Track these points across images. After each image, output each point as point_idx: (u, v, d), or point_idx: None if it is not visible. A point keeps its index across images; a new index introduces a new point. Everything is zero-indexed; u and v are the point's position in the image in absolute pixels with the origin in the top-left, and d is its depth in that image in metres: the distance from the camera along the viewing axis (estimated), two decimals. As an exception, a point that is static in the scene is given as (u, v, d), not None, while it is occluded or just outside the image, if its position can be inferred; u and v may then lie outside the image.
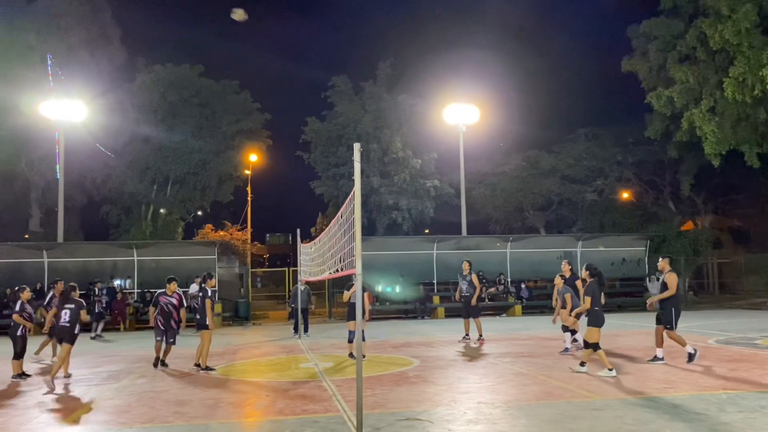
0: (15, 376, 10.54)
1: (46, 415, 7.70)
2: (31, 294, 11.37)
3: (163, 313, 11.43)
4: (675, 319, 10.34)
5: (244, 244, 33.23)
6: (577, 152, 36.11)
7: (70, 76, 29.54)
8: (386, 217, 33.30)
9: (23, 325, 10.71)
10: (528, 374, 9.69)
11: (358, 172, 7.03)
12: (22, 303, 10.88)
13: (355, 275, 6.95)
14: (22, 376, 10.53)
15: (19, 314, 10.72)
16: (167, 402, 8.22)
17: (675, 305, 10.39)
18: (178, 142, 32.85)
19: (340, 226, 9.81)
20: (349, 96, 34.42)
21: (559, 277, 12.33)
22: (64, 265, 23.60)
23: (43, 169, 31.17)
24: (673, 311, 10.32)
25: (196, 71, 34.32)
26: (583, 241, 26.77)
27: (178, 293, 11.69)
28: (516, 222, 38.32)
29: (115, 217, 34.38)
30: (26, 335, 10.77)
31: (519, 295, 25.42)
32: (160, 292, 11.63)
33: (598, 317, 9.42)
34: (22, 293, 11.08)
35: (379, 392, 8.45)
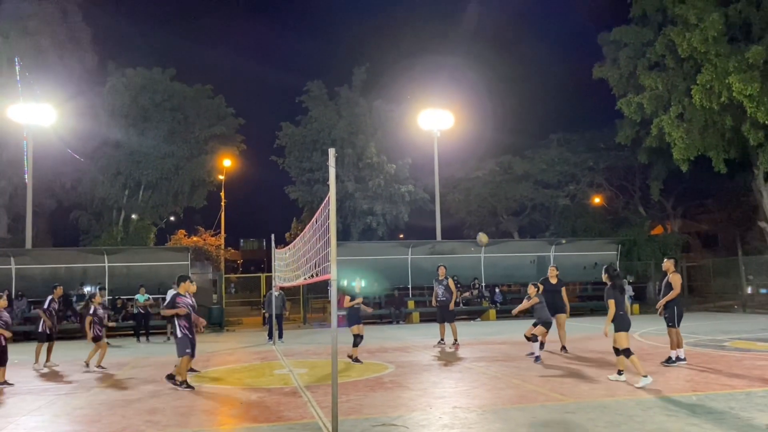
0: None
1: (13, 425, 7.52)
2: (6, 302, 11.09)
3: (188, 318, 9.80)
4: (678, 318, 10.55)
5: (217, 249, 32.95)
6: (550, 157, 36.53)
7: (38, 79, 29.00)
8: (361, 222, 33.30)
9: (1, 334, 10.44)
10: (502, 378, 9.75)
11: (333, 178, 7.02)
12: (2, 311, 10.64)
13: (330, 280, 6.92)
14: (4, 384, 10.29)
15: None
16: (139, 411, 8.09)
17: (678, 304, 10.62)
18: (150, 147, 32.42)
19: (315, 232, 9.78)
20: (324, 101, 34.40)
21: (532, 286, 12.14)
22: (32, 271, 23.15)
23: (11, 174, 30.51)
24: (675, 310, 10.54)
25: (168, 75, 33.93)
26: (556, 245, 27.07)
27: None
28: (490, 227, 38.57)
29: (86, 223, 33.80)
30: (4, 343, 10.49)
31: (493, 300, 25.60)
32: (175, 294, 10.00)
33: (624, 321, 8.97)
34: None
35: (354, 398, 8.43)
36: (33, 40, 30.47)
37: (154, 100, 33.04)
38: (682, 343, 10.78)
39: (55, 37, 31.32)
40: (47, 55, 30.67)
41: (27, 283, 22.33)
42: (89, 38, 33.40)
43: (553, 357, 11.99)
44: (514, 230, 38.86)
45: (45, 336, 13.04)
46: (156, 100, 33.06)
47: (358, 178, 33.29)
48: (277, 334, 17.45)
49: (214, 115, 35.01)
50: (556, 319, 12.51)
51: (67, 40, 32.05)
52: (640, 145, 29.89)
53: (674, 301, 10.57)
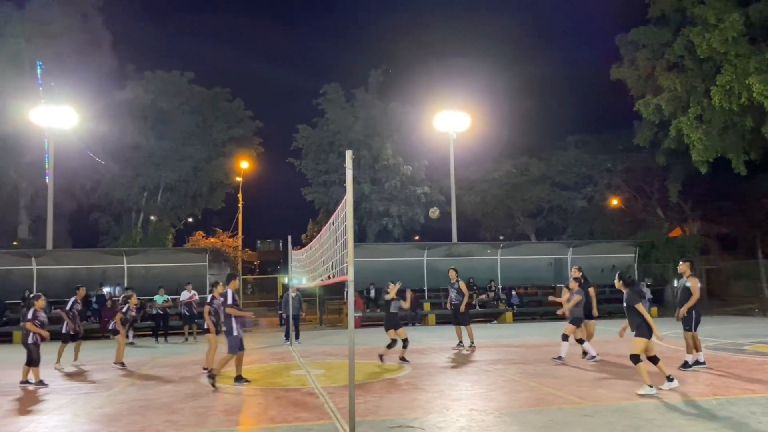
0: (23, 382, 10.51)
1: (34, 424, 7.64)
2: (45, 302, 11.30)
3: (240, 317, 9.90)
4: (695, 323, 10.40)
5: (235, 250, 33.13)
6: (567, 159, 36.33)
7: (59, 82, 29.47)
8: (377, 224, 33.34)
9: (36, 333, 10.64)
10: (519, 381, 9.72)
11: (350, 179, 7.05)
12: (35, 311, 10.85)
13: (347, 282, 6.96)
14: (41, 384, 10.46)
15: (32, 322, 10.67)
16: (158, 410, 8.18)
17: (696, 308, 10.46)
18: (168, 149, 32.77)
19: (332, 233, 9.83)
20: (340, 103, 34.51)
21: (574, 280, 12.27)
22: (53, 272, 23.48)
23: (32, 176, 30.98)
24: (693, 314, 10.38)
25: (186, 78, 34.29)
26: (574, 247, 26.90)
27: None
28: (506, 229, 38.46)
29: (105, 224, 34.20)
30: (38, 343, 10.69)
31: (510, 302, 25.49)
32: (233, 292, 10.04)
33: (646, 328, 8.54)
34: (36, 301, 11.05)
35: (371, 399, 8.45)
36: (54, 44, 30.95)
37: (173, 102, 33.40)
38: (701, 346, 10.65)
39: (75, 41, 31.76)
40: (68, 58, 31.12)
41: (48, 284, 22.62)
42: (109, 42, 33.84)
43: (570, 360, 11.92)
44: (531, 232, 38.68)
45: (68, 337, 13.26)
46: (175, 103, 33.42)
47: (375, 179, 33.35)
48: (294, 335, 17.53)
49: (232, 118, 35.30)
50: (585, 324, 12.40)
51: (87, 44, 32.48)
52: (659, 147, 29.61)
53: (692, 306, 10.45)
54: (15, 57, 30.25)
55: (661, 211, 36.66)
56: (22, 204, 33.01)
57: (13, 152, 30.31)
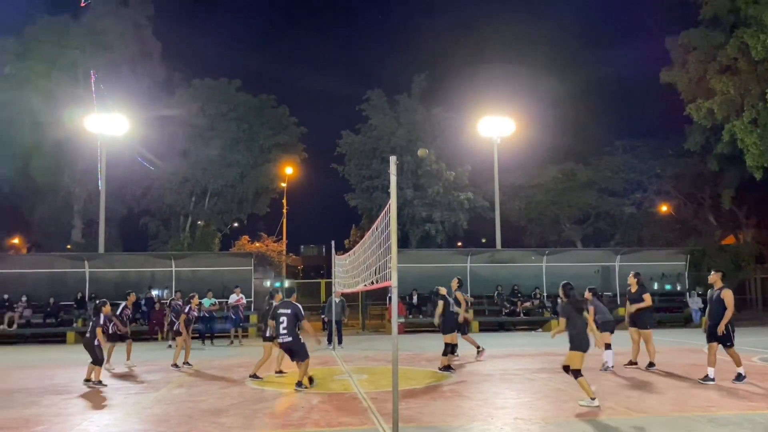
0: (86, 380, 10.88)
1: (87, 422, 7.86)
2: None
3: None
4: (732, 335, 9.93)
5: (279, 255, 33.56)
6: (615, 164, 35.64)
7: (111, 90, 30.40)
8: (419, 230, 33.29)
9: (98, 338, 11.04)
10: (565, 390, 9.53)
11: (394, 185, 7.06)
12: (105, 317, 11.35)
13: (391, 287, 6.95)
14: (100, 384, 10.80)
15: (102, 327, 11.10)
16: (205, 412, 8.31)
17: (730, 322, 9.92)
18: (215, 156, 33.46)
19: (375, 239, 9.84)
20: (384, 109, 34.63)
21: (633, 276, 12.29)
22: (104, 275, 24.13)
23: (85, 182, 32.01)
24: (729, 327, 9.82)
25: (233, 86, 34.98)
26: (622, 255, 26.31)
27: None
28: (552, 235, 37.86)
29: (154, 229, 35.07)
30: (101, 346, 11.11)
31: (555, 310, 25.04)
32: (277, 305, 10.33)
33: (582, 341, 8.36)
34: (103, 307, 11.46)
35: (414, 406, 8.41)
36: (108, 54, 31.97)
37: (220, 110, 34.11)
38: (741, 362, 10.08)
39: (127, 51, 32.77)
40: (120, 67, 32.11)
41: (99, 286, 23.30)
42: (159, 51, 34.78)
43: (618, 370, 11.64)
44: (578, 239, 37.99)
45: (116, 337, 13.61)
46: (222, 110, 34.13)
47: (417, 185, 33.33)
48: (337, 340, 17.61)
49: (278, 125, 35.83)
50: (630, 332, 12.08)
51: (138, 53, 33.47)
52: (711, 152, 28.80)
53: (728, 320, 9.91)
54: (71, 67, 31.37)
55: (713, 217, 35.58)
56: (75, 208, 34.13)
57: (68, 158, 31.39)
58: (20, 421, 7.90)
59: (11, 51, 30.60)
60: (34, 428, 7.50)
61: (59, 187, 33.07)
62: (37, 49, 31.27)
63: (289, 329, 9.85)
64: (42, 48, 31.28)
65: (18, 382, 11.43)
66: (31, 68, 30.72)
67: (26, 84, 30.06)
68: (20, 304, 22.24)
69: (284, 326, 9.84)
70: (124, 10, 33.87)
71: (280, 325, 9.88)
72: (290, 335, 9.86)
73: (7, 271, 23.57)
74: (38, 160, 30.85)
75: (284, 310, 9.97)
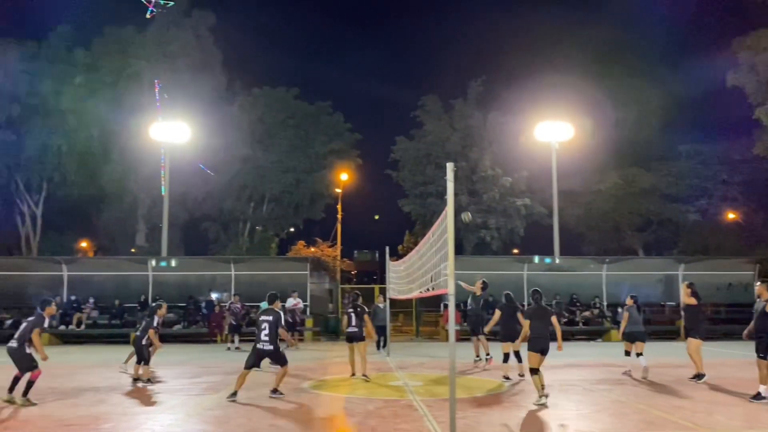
0: (135, 379, 11.34)
1: (151, 421, 8.11)
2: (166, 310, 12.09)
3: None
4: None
5: (334, 260, 33.85)
6: (678, 170, 34.46)
7: (175, 99, 31.38)
8: (474, 236, 33.00)
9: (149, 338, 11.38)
10: (627, 403, 9.26)
11: (451, 191, 7.02)
12: (159, 319, 11.68)
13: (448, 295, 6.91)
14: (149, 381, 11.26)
15: (154, 329, 11.42)
16: (263, 415, 8.45)
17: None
18: (273, 162, 34.12)
19: (431, 245, 9.80)
20: (438, 115, 34.54)
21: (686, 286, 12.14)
22: (166, 278, 24.86)
23: (150, 187, 33.11)
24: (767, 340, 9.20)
25: (291, 94, 35.63)
26: (686, 263, 25.39)
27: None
28: (612, 243, 36.87)
29: (214, 233, 35.96)
30: (149, 346, 11.48)
31: (615, 320, 24.35)
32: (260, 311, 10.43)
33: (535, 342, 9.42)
34: (158, 309, 11.78)
35: (470, 415, 8.33)
36: (171, 64, 33.06)
37: (278, 117, 34.83)
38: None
39: (190, 60, 33.79)
40: (183, 76, 33.12)
41: (162, 289, 23.98)
42: (220, 60, 35.71)
43: (682, 384, 11.24)
44: (639, 247, 36.88)
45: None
46: (280, 118, 34.83)
47: (472, 191, 33.08)
48: (382, 344, 17.90)
49: (333, 131, 36.28)
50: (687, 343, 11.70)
51: (200, 63, 34.46)
52: (782, 157, 27.53)
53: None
54: (136, 77, 32.60)
55: (785, 226, 33.96)
56: (140, 213, 35.36)
57: (133, 165, 32.57)
58: (90, 418, 8.21)
59: (81, 62, 32.03)
60: (102, 426, 7.79)
61: (125, 193, 34.34)
62: (105, 60, 32.66)
63: (271, 337, 9.67)
64: (109, 59, 32.63)
65: (86, 381, 11.89)
66: (100, 78, 32.09)
67: (95, 94, 31.40)
68: (88, 306, 23.15)
69: (266, 333, 9.65)
70: (186, 20, 34.97)
71: (262, 332, 9.66)
72: (272, 343, 9.69)
73: (76, 273, 24.60)
74: (106, 166, 32.15)
75: (266, 317, 9.77)
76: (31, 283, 23.91)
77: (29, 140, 30.69)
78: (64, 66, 31.73)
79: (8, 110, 30.49)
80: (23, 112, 30.92)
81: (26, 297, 22.27)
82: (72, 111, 31.21)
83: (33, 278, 24.25)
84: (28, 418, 8.24)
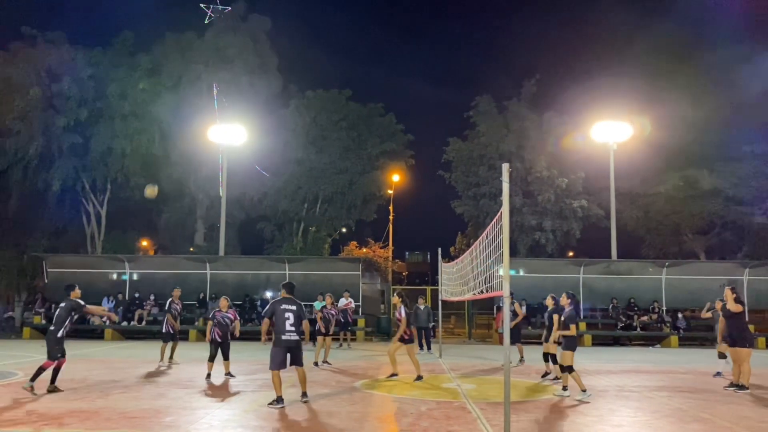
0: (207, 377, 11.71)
1: (210, 416, 8.33)
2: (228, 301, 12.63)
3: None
4: None
5: (385, 261, 33.96)
6: (743, 172, 33.08)
7: (232, 102, 32.09)
8: (529, 238, 32.52)
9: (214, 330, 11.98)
10: (688, 411, 8.97)
11: (506, 193, 6.96)
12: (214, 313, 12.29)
13: (503, 298, 6.85)
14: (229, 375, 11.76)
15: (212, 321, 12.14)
16: (316, 412, 8.57)
17: None
18: (327, 164, 34.48)
19: (486, 247, 9.73)
20: (492, 115, 34.18)
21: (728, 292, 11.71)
22: (224, 277, 25.49)
23: (208, 188, 33.94)
24: None
25: (344, 95, 35.92)
26: (751, 268, 24.39)
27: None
28: (672, 246, 35.70)
29: (270, 233, 36.57)
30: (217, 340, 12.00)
31: (675, 325, 23.64)
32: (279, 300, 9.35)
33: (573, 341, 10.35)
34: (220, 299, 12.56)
35: (524, 419, 8.23)
36: (228, 67, 33.83)
37: (332, 119, 35.15)
38: None
39: (246, 64, 34.48)
40: (240, 80, 33.83)
41: (219, 287, 24.62)
42: (275, 64, 36.30)
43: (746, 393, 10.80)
44: (701, 251, 35.59)
45: (168, 336, 14.41)
46: (333, 120, 35.16)
47: (526, 192, 32.60)
48: (426, 345, 18.30)
49: (385, 132, 36.37)
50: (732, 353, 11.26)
51: (256, 67, 35.11)
52: None
53: None
54: (196, 81, 33.48)
55: None
56: (198, 214, 36.29)
57: (192, 167, 33.46)
58: (151, 411, 8.50)
59: (144, 67, 33.12)
60: (163, 419, 8.05)
61: (184, 194, 35.30)
62: (165, 65, 33.68)
63: (297, 327, 9.09)
64: (170, 64, 33.62)
65: (148, 376, 12.30)
66: (161, 83, 33.12)
67: (156, 98, 32.41)
68: (148, 303, 23.96)
69: (291, 323, 9.01)
70: (243, 25, 35.70)
71: (286, 321, 8.97)
72: (298, 334, 9.13)
73: (138, 271, 25.52)
74: (166, 168, 33.13)
75: (290, 306, 9.10)
76: (96, 280, 24.89)
77: (95, 143, 31.91)
78: (128, 71, 32.89)
79: (76, 114, 31.78)
80: (90, 116, 32.18)
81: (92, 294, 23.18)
82: (134, 114, 32.31)
83: (98, 276, 25.25)
84: (93, 408, 8.59)
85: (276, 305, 9.10)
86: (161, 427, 7.59)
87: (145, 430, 7.43)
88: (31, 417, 7.98)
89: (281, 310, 9.00)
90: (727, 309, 11.38)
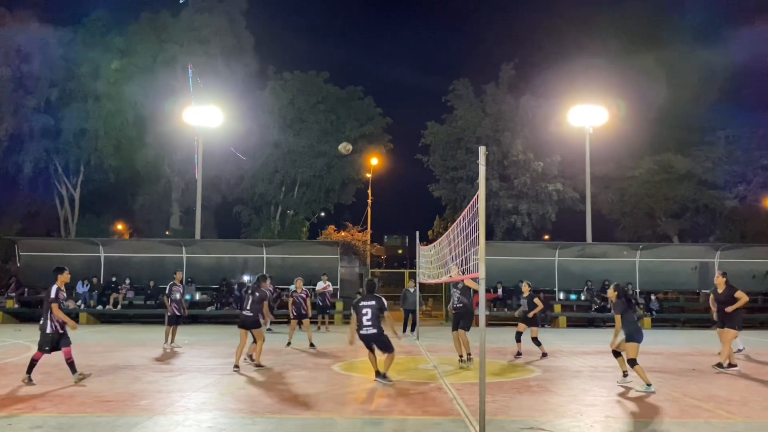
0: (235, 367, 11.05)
1: (186, 399, 8.30)
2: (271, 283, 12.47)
3: None
4: None
5: (364, 244, 33.98)
6: (716, 156, 33.63)
7: (208, 84, 31.67)
8: (505, 221, 32.78)
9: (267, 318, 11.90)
10: (659, 390, 9.15)
11: (483, 175, 6.96)
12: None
13: (479, 279, 6.89)
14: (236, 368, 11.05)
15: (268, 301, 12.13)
16: (296, 395, 8.59)
17: None
18: (304, 147, 34.28)
19: (462, 230, 9.78)
20: (470, 99, 34.24)
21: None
22: (199, 260, 25.29)
23: (183, 171, 33.60)
24: None
25: (322, 78, 35.66)
26: (722, 251, 24.88)
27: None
28: (646, 229, 36.24)
29: (247, 217, 36.38)
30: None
31: (648, 307, 24.06)
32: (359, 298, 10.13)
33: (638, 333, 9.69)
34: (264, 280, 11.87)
35: (500, 399, 8.33)
36: (204, 48, 33.35)
37: (309, 102, 34.90)
38: None
39: (222, 45, 34.05)
40: (215, 61, 33.41)
41: (195, 271, 24.43)
42: (252, 45, 35.91)
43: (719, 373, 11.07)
44: (674, 234, 36.21)
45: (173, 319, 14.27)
46: (311, 102, 34.91)
47: (503, 176, 32.81)
48: (410, 328, 18.32)
49: (364, 116, 36.24)
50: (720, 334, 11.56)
51: (233, 47, 34.69)
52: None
53: None
54: (170, 61, 32.99)
55: (828, 213, 32.96)
56: (174, 197, 35.94)
57: (168, 149, 33.05)
58: (126, 395, 8.45)
59: (117, 47, 32.51)
60: (138, 402, 8.00)
61: (159, 177, 34.90)
62: (139, 45, 33.09)
63: (373, 321, 9.64)
64: (144, 44, 33.06)
65: (123, 359, 12.21)
66: (135, 63, 32.55)
67: (130, 79, 31.87)
68: (124, 287, 23.72)
69: (368, 318, 9.61)
70: (219, 5, 35.17)
71: (363, 317, 9.61)
72: (374, 327, 9.63)
73: (113, 255, 25.19)
74: (141, 150, 32.68)
75: (367, 302, 9.74)
76: (70, 264, 24.47)
77: (67, 124, 31.34)
78: (100, 51, 32.26)
79: (47, 94, 31.15)
80: (61, 97, 31.56)
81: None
82: (108, 95, 31.76)
83: (72, 259, 24.87)
84: (68, 393, 8.51)
85: (355, 304, 9.91)
86: (136, 410, 7.55)
87: (120, 413, 7.38)
88: (4, 402, 7.88)
89: (359, 307, 9.75)
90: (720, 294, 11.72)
